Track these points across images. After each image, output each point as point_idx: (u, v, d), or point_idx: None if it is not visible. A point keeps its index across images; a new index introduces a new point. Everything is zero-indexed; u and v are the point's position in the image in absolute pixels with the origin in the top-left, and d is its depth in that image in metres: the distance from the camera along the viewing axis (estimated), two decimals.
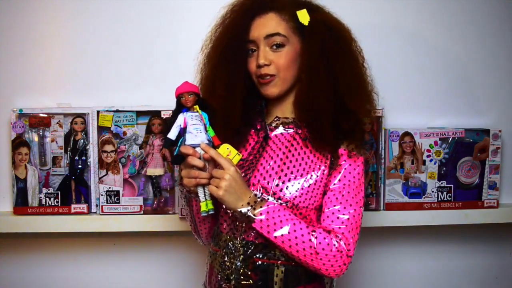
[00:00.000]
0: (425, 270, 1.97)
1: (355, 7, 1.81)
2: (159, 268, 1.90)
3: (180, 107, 1.23)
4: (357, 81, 1.32)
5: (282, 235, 1.23)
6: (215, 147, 1.23)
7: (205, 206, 1.24)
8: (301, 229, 1.23)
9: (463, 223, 1.81)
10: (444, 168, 1.79)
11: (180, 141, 1.23)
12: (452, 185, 1.79)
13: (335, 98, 1.28)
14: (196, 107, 1.23)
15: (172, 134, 1.22)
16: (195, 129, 1.21)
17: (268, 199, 1.28)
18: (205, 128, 1.23)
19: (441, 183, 1.79)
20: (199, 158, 1.22)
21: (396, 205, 1.78)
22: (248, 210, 1.23)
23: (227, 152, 1.24)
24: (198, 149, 1.22)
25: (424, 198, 1.79)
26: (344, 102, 1.29)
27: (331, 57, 1.29)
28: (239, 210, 1.23)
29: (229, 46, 1.32)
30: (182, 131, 1.22)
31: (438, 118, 1.87)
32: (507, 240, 1.99)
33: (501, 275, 2.01)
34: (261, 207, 1.24)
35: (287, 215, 1.25)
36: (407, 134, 1.77)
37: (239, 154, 1.25)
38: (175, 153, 1.24)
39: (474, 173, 1.81)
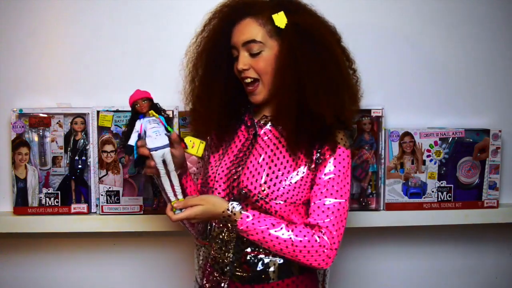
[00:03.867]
0: (425, 270, 1.97)
1: (356, 7, 1.80)
2: (158, 268, 1.90)
3: (137, 114, 1.28)
4: (328, 85, 1.29)
5: (264, 237, 1.28)
6: (181, 139, 1.31)
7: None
8: (281, 228, 1.28)
9: (463, 223, 1.81)
10: (444, 168, 1.79)
11: (134, 145, 1.26)
12: (452, 185, 1.79)
13: (299, 102, 1.29)
14: (152, 112, 1.27)
15: (132, 141, 1.26)
16: (154, 132, 1.25)
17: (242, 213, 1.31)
18: (166, 129, 1.27)
19: (441, 183, 1.79)
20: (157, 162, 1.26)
21: (396, 205, 1.78)
22: (229, 216, 1.29)
23: (191, 144, 1.32)
24: (158, 152, 1.24)
25: (424, 198, 1.79)
26: (312, 111, 1.28)
27: (302, 64, 1.27)
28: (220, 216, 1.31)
29: (209, 53, 1.38)
30: (139, 137, 1.26)
31: (438, 118, 1.87)
32: (507, 240, 1.99)
33: (501, 275, 2.01)
34: (235, 220, 1.29)
35: (268, 219, 1.29)
36: (407, 134, 1.77)
37: (202, 142, 1.33)
38: (135, 158, 1.27)
39: (474, 173, 1.81)
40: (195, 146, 1.32)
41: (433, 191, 1.79)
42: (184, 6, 1.79)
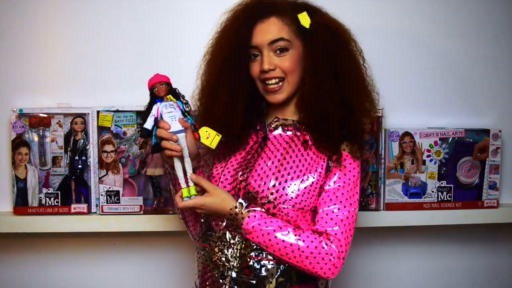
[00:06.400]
0: (425, 270, 1.97)
1: (356, 8, 1.81)
2: (159, 268, 1.90)
3: (154, 98, 1.27)
4: (359, 81, 1.35)
5: (269, 240, 1.25)
6: (196, 129, 1.28)
7: (187, 192, 1.28)
8: (288, 232, 1.25)
9: (463, 223, 1.81)
10: (444, 168, 1.79)
11: (154, 130, 1.26)
12: (452, 185, 1.79)
13: (341, 99, 1.30)
14: (170, 96, 1.27)
15: (148, 124, 1.26)
16: (169, 117, 1.26)
17: (254, 210, 1.29)
18: (183, 114, 1.27)
19: (441, 183, 1.79)
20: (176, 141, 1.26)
21: (396, 205, 1.78)
22: (236, 214, 1.27)
23: (206, 135, 1.29)
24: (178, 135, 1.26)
25: (424, 198, 1.79)
26: (350, 103, 1.31)
27: (335, 59, 1.31)
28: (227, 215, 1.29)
29: (231, 53, 1.33)
30: (156, 121, 1.26)
31: (438, 118, 1.87)
32: (507, 240, 1.99)
33: (501, 275, 2.01)
34: (243, 218, 1.27)
35: (275, 221, 1.26)
36: (407, 134, 1.77)
37: (218, 135, 1.29)
38: (153, 143, 1.27)
39: (474, 173, 1.81)
40: (210, 137, 1.29)
41: (433, 191, 1.79)
42: (185, 5, 1.79)
